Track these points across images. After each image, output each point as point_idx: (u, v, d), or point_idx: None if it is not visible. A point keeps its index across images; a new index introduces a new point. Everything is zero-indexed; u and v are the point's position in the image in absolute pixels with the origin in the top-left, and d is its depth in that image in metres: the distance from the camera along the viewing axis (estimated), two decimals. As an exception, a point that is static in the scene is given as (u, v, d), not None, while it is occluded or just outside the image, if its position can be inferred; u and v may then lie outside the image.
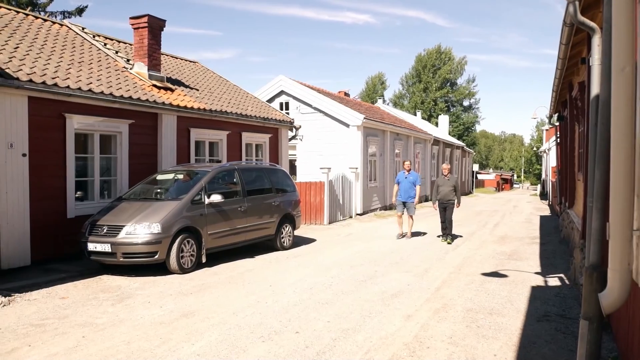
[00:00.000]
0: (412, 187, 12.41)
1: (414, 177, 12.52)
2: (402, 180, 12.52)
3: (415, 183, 12.42)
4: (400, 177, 12.65)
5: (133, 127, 10.40)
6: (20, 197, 8.29)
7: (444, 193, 11.88)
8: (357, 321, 5.63)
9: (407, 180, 12.45)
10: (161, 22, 12.35)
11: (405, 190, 12.42)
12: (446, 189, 11.87)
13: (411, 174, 12.56)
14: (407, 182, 12.43)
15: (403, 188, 12.45)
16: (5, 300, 6.42)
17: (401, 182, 12.52)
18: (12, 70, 8.20)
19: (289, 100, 20.25)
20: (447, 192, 11.82)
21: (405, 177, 12.51)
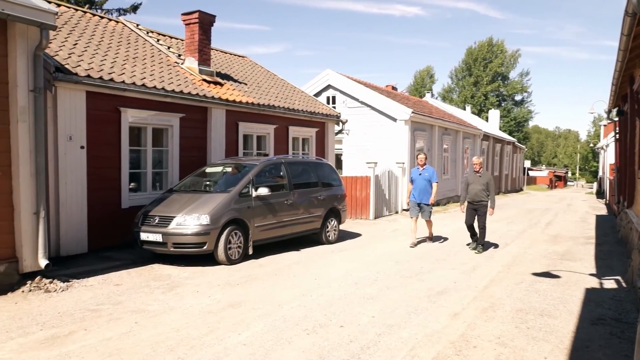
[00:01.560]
0: (428, 186, 10.54)
1: (429, 173, 10.61)
2: (416, 177, 10.67)
3: (431, 180, 10.59)
4: (414, 174, 10.80)
5: (184, 121, 10.67)
6: (79, 187, 8.67)
7: (474, 192, 9.99)
8: (402, 317, 5.58)
9: (422, 177, 10.57)
10: (211, 17, 12.58)
11: (420, 189, 10.55)
12: (477, 187, 9.99)
13: (426, 169, 10.65)
14: (421, 179, 10.55)
15: (417, 187, 10.59)
16: (64, 286, 6.74)
17: (415, 180, 10.67)
18: (71, 66, 8.57)
19: (335, 94, 20.23)
20: (477, 192, 9.95)
21: (420, 174, 10.62)
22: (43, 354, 4.45)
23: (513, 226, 14.37)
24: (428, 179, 10.56)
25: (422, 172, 10.60)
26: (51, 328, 5.13)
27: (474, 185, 10.02)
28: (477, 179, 10.07)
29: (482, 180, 10.02)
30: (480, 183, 9.99)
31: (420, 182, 10.56)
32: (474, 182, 10.06)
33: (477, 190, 9.95)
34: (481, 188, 9.94)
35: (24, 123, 6.59)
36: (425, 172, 10.59)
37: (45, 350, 4.54)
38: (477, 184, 9.99)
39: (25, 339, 4.81)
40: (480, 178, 10.06)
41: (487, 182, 10.02)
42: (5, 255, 6.58)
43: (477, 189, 9.95)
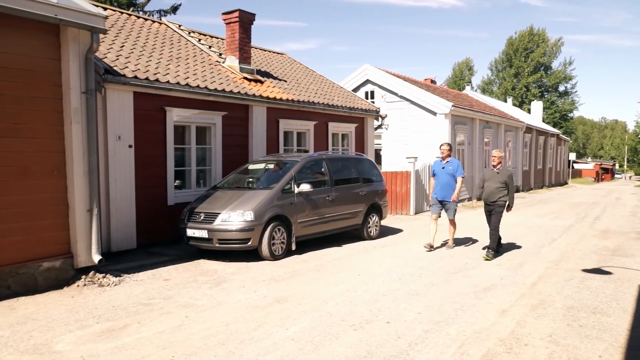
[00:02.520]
0: (452, 181, 9.34)
1: (453, 167, 9.37)
2: (439, 171, 9.49)
3: (455, 174, 9.36)
4: (436, 168, 9.60)
5: (226, 119, 10.85)
6: (127, 185, 8.96)
7: (488, 191, 8.76)
8: (449, 314, 5.53)
9: (445, 171, 9.38)
10: (251, 16, 12.72)
11: (443, 185, 9.37)
12: (493, 185, 8.72)
13: (450, 162, 9.42)
14: (444, 173, 9.37)
15: (440, 182, 9.44)
16: (116, 280, 6.99)
17: (437, 174, 9.50)
18: (119, 67, 8.84)
19: (374, 89, 20.13)
20: (493, 190, 8.69)
21: (443, 167, 9.44)
22: (100, 346, 4.63)
23: (559, 221, 13.98)
24: (452, 173, 9.38)
25: (445, 166, 9.46)
26: (107, 321, 5.34)
27: (489, 183, 8.83)
28: (494, 176, 8.82)
29: (499, 178, 8.76)
30: (498, 180, 8.74)
31: (443, 177, 9.43)
32: (490, 179, 8.85)
33: (492, 188, 8.74)
34: (497, 186, 8.70)
35: (78, 124, 6.85)
36: (449, 166, 9.40)
37: (102, 343, 4.72)
38: (494, 182, 8.76)
39: (83, 332, 5.02)
40: (498, 175, 8.79)
41: (506, 179, 8.73)
42: (61, 251, 6.87)
43: (493, 187, 8.74)
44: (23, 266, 6.44)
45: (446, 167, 9.41)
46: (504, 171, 8.90)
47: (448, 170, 9.38)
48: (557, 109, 63.65)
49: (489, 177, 8.92)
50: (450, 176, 9.36)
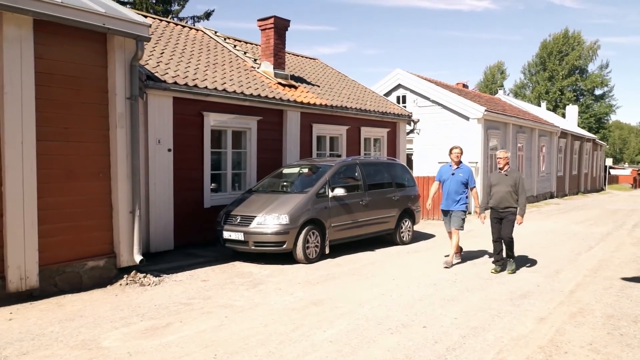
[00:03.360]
0: (462, 189, 8.40)
1: (465, 174, 8.40)
2: (447, 177, 8.50)
3: (466, 182, 8.42)
4: (444, 173, 8.62)
5: (261, 123, 11.03)
6: (166, 188, 9.21)
7: (498, 197, 7.94)
8: (486, 320, 5.53)
9: (455, 178, 8.40)
10: (286, 22, 12.91)
11: (450, 193, 8.42)
12: (502, 189, 7.90)
13: (461, 168, 8.47)
14: (454, 181, 8.41)
15: (448, 190, 8.48)
16: (156, 280, 7.21)
17: (445, 181, 8.54)
18: (160, 74, 9.12)
19: (406, 94, 20.10)
20: (503, 196, 7.89)
21: (452, 174, 8.45)
22: (146, 343, 4.81)
23: (596, 228, 13.69)
24: (463, 180, 8.36)
25: (455, 172, 8.42)
26: (150, 319, 5.52)
27: (498, 187, 7.97)
28: (502, 179, 7.98)
29: (508, 181, 7.91)
30: (507, 184, 7.90)
31: (452, 185, 8.42)
32: (498, 183, 8.00)
33: (502, 193, 7.89)
34: (508, 190, 7.87)
35: (122, 128, 7.11)
36: (460, 172, 8.41)
37: (147, 340, 4.90)
38: (503, 185, 7.93)
39: (128, 329, 5.21)
40: (507, 178, 7.95)
41: (516, 182, 7.90)
42: (105, 251, 7.13)
43: (503, 191, 7.89)
44: (69, 265, 6.72)
45: (456, 174, 8.45)
46: (512, 173, 8.05)
47: (459, 177, 8.41)
48: (592, 113, 62.10)
49: (496, 181, 8.05)
50: (461, 184, 8.39)
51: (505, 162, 8.12)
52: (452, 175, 8.49)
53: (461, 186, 8.41)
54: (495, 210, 8.08)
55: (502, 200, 7.93)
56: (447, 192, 8.53)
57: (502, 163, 8.12)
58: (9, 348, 4.65)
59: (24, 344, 4.74)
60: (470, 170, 8.64)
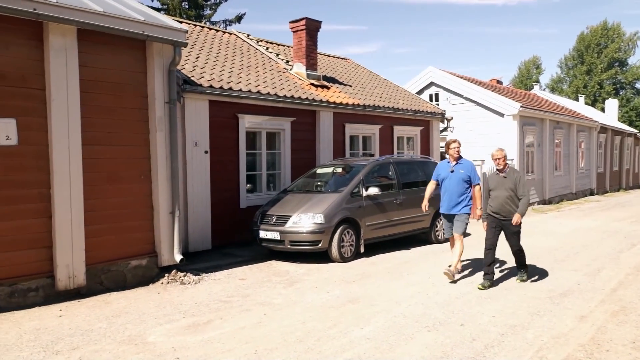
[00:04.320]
0: (463, 188, 7.29)
1: (466, 170, 7.31)
2: (446, 175, 7.40)
3: (469, 180, 7.31)
4: (442, 170, 7.52)
5: (294, 124, 11.16)
6: (203, 189, 9.44)
7: (498, 202, 6.86)
8: (525, 318, 5.48)
9: (455, 176, 7.30)
10: (317, 23, 13.02)
11: (451, 193, 7.30)
12: (501, 194, 6.82)
13: (462, 164, 7.36)
14: (454, 179, 7.30)
15: (447, 190, 7.37)
16: (196, 279, 7.41)
17: (444, 179, 7.44)
18: (196, 77, 9.35)
19: (438, 92, 19.94)
20: (503, 200, 6.81)
21: (452, 171, 7.33)
22: (189, 339, 4.97)
23: (638, 225, 13.28)
24: (465, 177, 7.27)
25: (455, 168, 7.32)
26: (192, 316, 5.70)
27: (497, 192, 6.87)
28: (500, 182, 6.86)
29: (507, 183, 6.81)
30: (506, 188, 6.81)
31: (452, 183, 7.31)
32: (497, 187, 6.89)
33: (502, 198, 6.81)
34: (508, 195, 6.79)
35: (161, 132, 7.34)
36: (460, 168, 7.31)
37: (190, 336, 5.06)
38: (502, 189, 6.82)
39: (171, 325, 5.40)
40: (506, 180, 6.83)
41: (516, 184, 6.81)
42: (147, 251, 7.37)
43: (503, 196, 6.80)
44: (114, 264, 6.98)
45: (456, 170, 7.32)
46: (512, 174, 6.93)
47: (459, 174, 7.30)
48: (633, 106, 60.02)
49: (494, 184, 6.95)
50: (462, 182, 7.28)
51: (503, 162, 6.93)
52: (452, 173, 7.33)
53: (463, 184, 7.28)
54: (493, 217, 6.98)
55: (501, 206, 6.84)
56: (447, 193, 7.37)
57: (499, 163, 6.92)
58: (60, 343, 4.88)
59: (74, 339, 4.97)
60: (472, 165, 7.49)
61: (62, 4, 6.04)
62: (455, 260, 7.31)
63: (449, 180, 7.37)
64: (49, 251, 6.30)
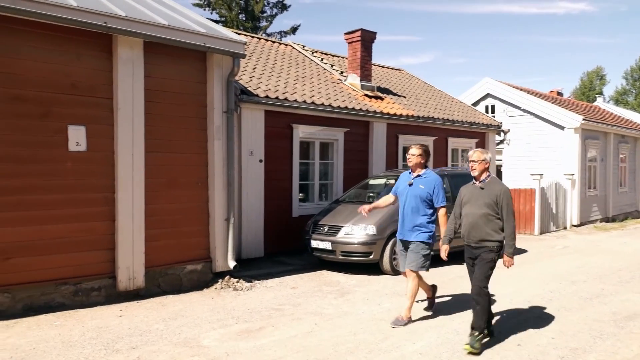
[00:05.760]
0: (421, 208, 5.70)
1: (428, 185, 5.70)
2: (403, 189, 5.88)
3: (430, 199, 5.71)
4: (402, 182, 5.97)
5: (347, 135, 11.20)
6: (257, 197, 9.60)
7: (468, 223, 5.10)
8: (587, 341, 5.23)
9: (413, 190, 5.75)
10: (372, 34, 13.04)
11: (406, 213, 5.77)
12: (474, 211, 5.05)
13: (424, 177, 5.76)
14: (411, 195, 5.76)
15: (403, 208, 5.82)
16: (248, 285, 7.53)
17: (400, 195, 5.92)
18: (252, 88, 9.56)
19: (495, 103, 19.47)
20: (475, 222, 5.03)
21: (410, 184, 5.79)
22: (241, 345, 5.05)
23: None
24: (424, 195, 5.69)
25: (414, 182, 5.78)
26: (244, 322, 5.79)
27: (469, 208, 5.11)
28: (476, 195, 5.09)
29: (484, 197, 5.01)
30: (481, 203, 5.01)
31: (408, 201, 5.76)
32: (470, 201, 5.12)
33: (474, 217, 5.03)
34: (483, 212, 4.98)
35: (219, 141, 7.55)
36: (421, 183, 5.74)
37: (242, 342, 5.14)
38: (475, 205, 5.05)
39: (224, 330, 5.50)
40: (483, 192, 5.04)
41: (497, 199, 4.97)
42: (202, 256, 7.56)
43: (475, 214, 5.02)
44: (171, 267, 7.20)
45: (415, 185, 5.73)
46: (492, 185, 5.06)
47: (417, 190, 5.70)
48: None
49: (468, 197, 5.17)
50: (420, 200, 5.68)
51: (481, 168, 5.11)
52: (410, 187, 5.78)
53: (421, 204, 5.69)
54: (467, 246, 5.17)
55: (472, 229, 5.02)
56: (402, 213, 5.82)
57: (474, 168, 5.14)
58: (120, 342, 5.08)
59: (133, 339, 5.16)
60: (436, 180, 5.76)
61: (131, 18, 6.35)
62: (407, 304, 5.74)
63: (406, 196, 5.80)
64: (111, 253, 6.58)
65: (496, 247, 5.02)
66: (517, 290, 7.48)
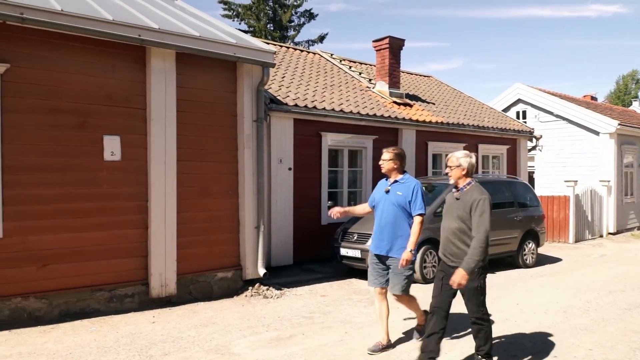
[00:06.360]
0: (398, 218, 5.00)
1: (406, 191, 4.99)
2: (380, 198, 5.16)
3: (411, 208, 4.99)
4: (378, 190, 5.29)
5: (376, 142, 11.16)
6: (287, 205, 9.65)
7: (443, 238, 4.56)
8: (626, 353, 5.06)
9: (390, 198, 5.04)
10: (400, 41, 13.01)
11: (382, 225, 5.07)
12: (447, 224, 4.49)
13: (402, 183, 5.07)
14: (387, 203, 5.05)
15: (379, 219, 5.10)
16: (278, 293, 7.55)
17: (377, 205, 5.19)
18: (281, 97, 9.64)
19: (526, 109, 19.15)
20: (448, 237, 4.46)
21: (387, 191, 5.10)
22: (272, 352, 5.06)
23: None
24: (401, 203, 4.98)
25: (390, 189, 5.09)
26: (274, 330, 5.80)
27: (444, 222, 4.55)
28: (451, 207, 4.50)
29: (457, 210, 4.36)
30: (455, 216, 4.37)
31: (385, 210, 5.07)
32: (446, 214, 4.56)
33: (448, 232, 4.43)
34: (456, 227, 4.35)
35: (249, 149, 7.62)
36: (398, 189, 5.03)
37: (273, 349, 5.15)
38: (449, 217, 4.47)
39: (255, 338, 5.53)
40: (457, 204, 4.39)
41: (470, 210, 4.26)
42: (232, 263, 7.63)
43: (449, 228, 4.44)
44: (202, 275, 7.28)
45: (392, 192, 5.05)
46: (468, 195, 4.32)
47: (394, 197, 5.01)
48: None
49: (445, 208, 4.63)
50: (397, 209, 4.99)
51: (457, 174, 4.39)
52: (387, 195, 5.09)
53: (401, 213, 4.99)
54: (443, 263, 4.58)
55: (447, 246, 4.45)
56: (378, 224, 5.11)
57: (451, 175, 4.46)
58: (153, 348, 5.16)
59: (165, 345, 5.23)
60: (415, 185, 5.00)
61: (164, 30, 6.50)
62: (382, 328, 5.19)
63: (381, 205, 5.12)
64: (144, 260, 6.70)
65: (478, 270, 4.29)
66: (552, 300, 7.29)
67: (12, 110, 5.77)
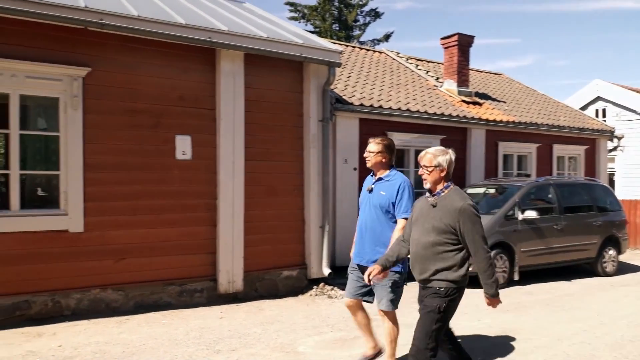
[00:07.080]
0: (381, 221, 4.28)
1: (390, 191, 4.23)
2: (363, 197, 4.49)
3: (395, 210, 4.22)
4: (362, 192, 4.55)
5: (444, 142, 10.85)
6: (351, 205, 9.57)
7: (413, 252, 3.65)
8: None
9: (371, 199, 4.35)
10: (469, 38, 12.62)
11: (363, 229, 4.43)
12: (423, 237, 3.55)
13: (388, 181, 4.30)
14: (370, 205, 4.36)
15: (361, 222, 4.50)
16: (343, 293, 7.45)
17: (360, 205, 4.57)
18: (347, 96, 9.60)
19: (606, 107, 18.06)
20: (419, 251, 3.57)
21: (370, 191, 4.39)
22: (336, 353, 5.03)
23: None
24: (384, 204, 4.26)
25: (374, 187, 4.37)
26: (339, 331, 5.77)
27: (415, 232, 3.64)
28: (425, 215, 3.60)
29: (434, 219, 3.52)
30: (428, 227, 3.54)
31: (366, 212, 4.43)
32: (417, 222, 3.66)
33: (419, 246, 3.58)
34: (430, 241, 3.52)
35: (314, 149, 7.65)
36: (382, 188, 4.31)
37: (337, 350, 5.12)
38: (422, 230, 3.58)
39: (319, 338, 5.52)
40: (434, 211, 3.55)
41: (452, 222, 3.46)
42: (297, 262, 7.68)
43: (421, 243, 3.56)
44: (268, 273, 7.39)
45: (375, 192, 4.35)
46: (448, 201, 3.53)
47: (378, 197, 4.30)
48: None
49: (416, 215, 3.71)
50: (380, 211, 4.28)
51: (434, 177, 3.61)
52: (370, 194, 4.40)
53: (383, 216, 4.29)
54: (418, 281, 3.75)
55: (416, 262, 3.64)
56: (360, 228, 4.52)
57: (426, 178, 3.64)
58: (221, 343, 5.27)
59: (232, 341, 5.33)
60: (401, 184, 4.24)
61: (233, 32, 6.65)
62: (388, 351, 4.45)
63: (362, 206, 4.50)
64: (213, 257, 6.88)
65: (446, 290, 3.51)
66: (635, 312, 6.81)
67: (93, 112, 6.10)
